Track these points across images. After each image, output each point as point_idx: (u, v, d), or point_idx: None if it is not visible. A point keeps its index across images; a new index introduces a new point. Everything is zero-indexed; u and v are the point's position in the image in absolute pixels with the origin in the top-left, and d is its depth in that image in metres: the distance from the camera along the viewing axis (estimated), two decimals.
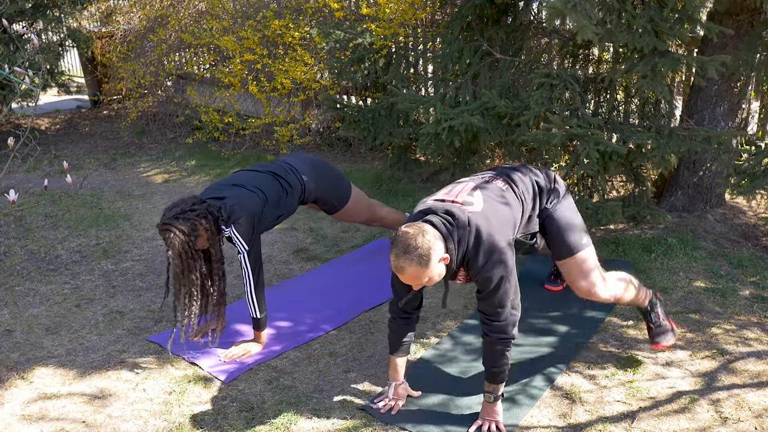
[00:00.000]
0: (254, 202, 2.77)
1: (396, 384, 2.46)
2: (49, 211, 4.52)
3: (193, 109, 6.32)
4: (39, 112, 7.53)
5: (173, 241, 2.54)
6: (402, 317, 2.41)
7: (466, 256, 2.16)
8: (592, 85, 3.69)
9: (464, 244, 2.15)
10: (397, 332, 2.42)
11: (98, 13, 7.62)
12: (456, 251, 2.14)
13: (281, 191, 2.90)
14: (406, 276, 2.10)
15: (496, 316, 2.20)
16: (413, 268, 2.06)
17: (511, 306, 2.20)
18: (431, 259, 2.06)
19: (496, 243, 2.16)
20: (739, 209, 4.05)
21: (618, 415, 2.36)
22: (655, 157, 3.36)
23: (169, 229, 2.55)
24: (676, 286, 3.26)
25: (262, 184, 2.86)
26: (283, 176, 2.95)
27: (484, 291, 2.19)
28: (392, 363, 2.46)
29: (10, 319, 3.13)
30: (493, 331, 2.21)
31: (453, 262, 2.15)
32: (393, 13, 4.85)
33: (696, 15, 3.16)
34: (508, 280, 2.18)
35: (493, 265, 2.15)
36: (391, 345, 2.44)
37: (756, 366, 2.62)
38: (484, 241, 2.15)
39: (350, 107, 4.55)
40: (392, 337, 2.44)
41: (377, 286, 3.38)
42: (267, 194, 2.84)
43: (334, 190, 3.17)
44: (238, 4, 5.89)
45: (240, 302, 3.22)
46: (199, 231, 2.60)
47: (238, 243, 2.70)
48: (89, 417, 2.44)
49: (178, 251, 2.56)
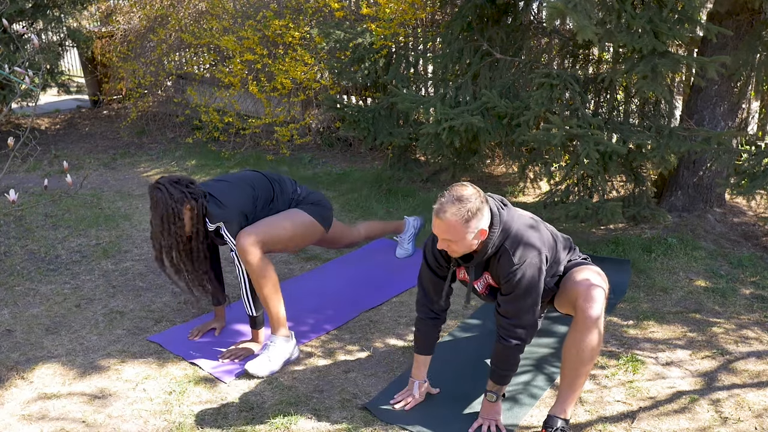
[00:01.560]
0: (244, 200, 2.78)
1: (419, 383, 2.45)
2: (49, 210, 4.52)
3: (193, 109, 6.32)
4: (39, 112, 7.53)
5: (159, 200, 2.62)
6: (431, 317, 2.40)
7: (503, 246, 2.15)
8: (592, 85, 3.69)
9: (507, 230, 2.15)
10: (425, 332, 2.41)
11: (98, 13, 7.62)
12: (498, 231, 2.13)
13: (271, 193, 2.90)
14: (443, 223, 2.06)
15: (518, 320, 2.18)
16: (455, 219, 2.04)
17: (535, 313, 2.19)
18: (474, 218, 2.06)
19: (534, 246, 2.16)
20: (739, 209, 4.05)
21: (618, 415, 2.36)
22: (655, 157, 3.36)
23: (159, 189, 2.64)
24: (676, 285, 3.26)
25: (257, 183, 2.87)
26: (278, 180, 2.95)
27: (513, 293, 2.16)
28: (416, 361, 2.45)
29: (10, 319, 3.13)
30: (513, 337, 2.19)
31: (490, 242, 2.13)
32: (393, 13, 4.85)
33: (695, 16, 3.16)
34: (537, 287, 2.16)
35: (528, 267, 2.14)
36: (418, 344, 2.44)
37: (756, 366, 2.62)
38: (525, 238, 2.15)
39: (350, 107, 4.56)
40: (419, 336, 2.43)
41: (377, 285, 3.38)
42: (260, 193, 2.84)
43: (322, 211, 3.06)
44: (238, 3, 5.89)
45: (239, 302, 3.22)
46: (185, 209, 2.65)
47: (229, 242, 2.72)
48: (89, 417, 2.44)
49: (160, 213, 2.63)
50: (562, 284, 2.36)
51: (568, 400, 2.22)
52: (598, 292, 2.22)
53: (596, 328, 2.17)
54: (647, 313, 3.02)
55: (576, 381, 2.21)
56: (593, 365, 2.23)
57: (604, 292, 2.27)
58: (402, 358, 2.75)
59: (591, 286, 2.23)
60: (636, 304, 3.11)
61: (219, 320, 3.00)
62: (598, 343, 2.19)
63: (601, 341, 2.20)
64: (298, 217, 2.87)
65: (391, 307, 3.20)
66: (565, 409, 2.22)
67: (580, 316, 2.19)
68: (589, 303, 2.19)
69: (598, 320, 2.18)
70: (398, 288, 3.34)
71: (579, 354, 2.18)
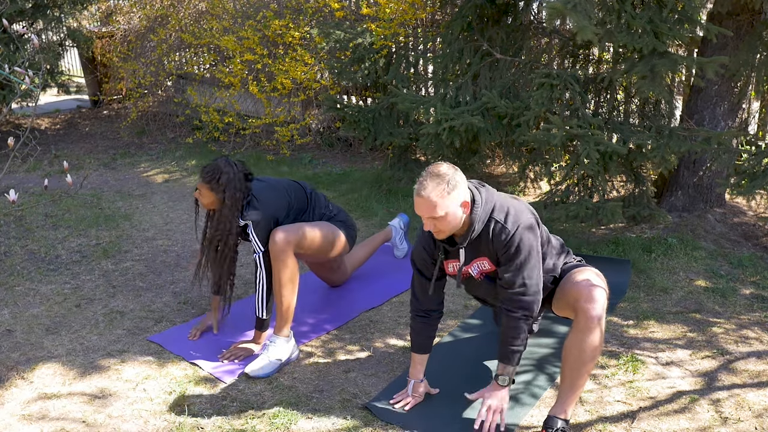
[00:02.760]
0: (279, 204, 2.82)
1: (416, 382, 2.46)
2: (50, 210, 4.52)
3: (193, 109, 6.32)
4: (39, 112, 7.53)
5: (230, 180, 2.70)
6: (420, 316, 2.41)
7: (492, 217, 2.18)
8: (593, 85, 3.69)
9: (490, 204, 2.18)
10: (417, 330, 2.43)
11: (98, 13, 7.62)
12: (480, 207, 2.16)
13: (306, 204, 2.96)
14: (423, 200, 2.09)
15: (523, 288, 2.19)
16: (435, 192, 2.07)
17: (537, 278, 2.20)
18: (454, 190, 2.08)
19: (521, 210, 2.21)
20: (739, 209, 4.05)
21: (618, 415, 2.36)
22: (656, 157, 3.36)
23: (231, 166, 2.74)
24: (677, 286, 3.26)
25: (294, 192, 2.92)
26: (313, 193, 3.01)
27: (514, 260, 2.18)
28: (413, 360, 2.46)
29: (10, 319, 3.13)
30: (520, 307, 2.20)
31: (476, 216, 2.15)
32: (393, 13, 4.85)
33: (695, 16, 3.16)
34: (537, 252, 2.19)
35: (523, 231, 2.16)
36: (413, 343, 2.45)
37: (756, 366, 2.62)
38: (509, 208, 2.19)
39: (350, 107, 4.56)
40: (413, 335, 2.44)
41: (377, 286, 3.38)
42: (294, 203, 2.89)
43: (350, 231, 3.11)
44: (238, 4, 5.90)
45: (240, 301, 3.22)
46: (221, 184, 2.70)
47: (254, 243, 2.74)
48: (89, 417, 2.44)
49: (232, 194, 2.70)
50: (561, 286, 2.35)
51: (569, 401, 2.22)
52: (599, 292, 2.22)
53: (598, 328, 2.17)
54: (647, 313, 3.03)
55: (577, 381, 2.20)
56: (594, 365, 2.23)
57: (605, 292, 2.26)
58: (402, 358, 2.74)
59: (591, 287, 2.22)
60: (636, 304, 3.11)
61: (214, 311, 2.98)
62: (600, 344, 2.18)
63: (602, 341, 2.19)
64: (331, 230, 2.93)
65: (391, 307, 3.20)
66: (565, 409, 2.22)
67: (581, 317, 2.18)
68: (590, 303, 2.18)
69: (600, 320, 2.17)
70: (398, 288, 3.34)
71: (581, 354, 2.17)
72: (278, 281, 2.71)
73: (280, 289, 2.71)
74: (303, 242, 2.77)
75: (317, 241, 2.84)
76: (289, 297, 2.73)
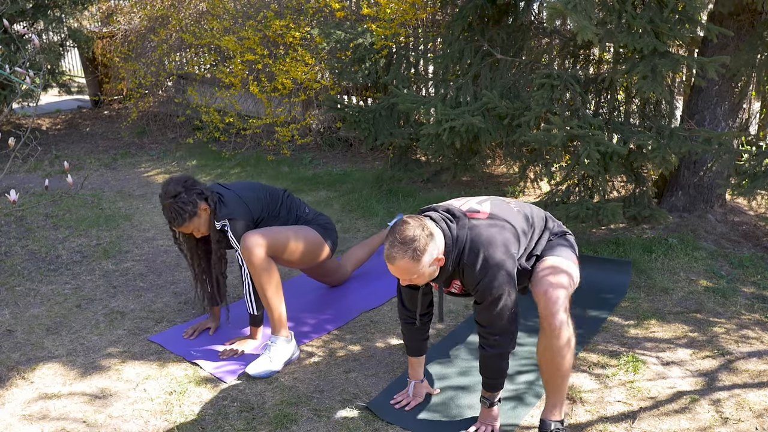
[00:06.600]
0: (254, 203, 2.83)
1: (416, 382, 2.46)
2: (50, 211, 4.53)
3: (193, 109, 6.33)
4: (40, 113, 7.53)
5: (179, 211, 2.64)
6: (406, 321, 2.40)
7: (462, 262, 2.09)
8: (593, 85, 3.69)
9: (461, 244, 2.09)
10: (407, 335, 2.42)
11: (99, 13, 7.63)
12: (453, 251, 2.08)
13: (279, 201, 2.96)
14: (396, 268, 2.03)
15: (493, 328, 2.12)
16: (404, 261, 2.01)
17: (509, 319, 2.11)
18: (425, 255, 2.01)
19: (495, 250, 2.07)
20: (739, 209, 4.05)
21: (619, 415, 2.36)
22: (656, 157, 3.36)
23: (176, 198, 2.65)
24: (677, 286, 3.26)
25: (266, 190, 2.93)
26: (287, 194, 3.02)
27: (483, 302, 2.10)
28: (410, 363, 2.47)
29: (10, 319, 3.14)
30: (491, 345, 2.14)
31: (448, 263, 2.09)
32: (394, 13, 4.85)
33: (696, 16, 3.16)
34: (509, 292, 2.08)
35: (494, 275, 2.06)
36: (407, 347, 2.45)
37: (757, 366, 2.62)
38: (483, 247, 2.07)
39: (351, 107, 4.56)
40: (406, 340, 2.44)
41: (378, 286, 3.38)
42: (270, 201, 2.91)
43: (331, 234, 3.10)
44: (239, 4, 5.90)
45: (239, 302, 3.23)
46: (199, 210, 2.68)
47: (233, 241, 2.75)
48: (90, 417, 2.44)
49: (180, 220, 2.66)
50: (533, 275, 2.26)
51: (556, 402, 2.21)
52: (558, 293, 2.13)
53: (562, 330, 2.11)
54: (648, 313, 3.03)
55: (559, 382, 2.18)
56: (573, 361, 2.20)
57: (565, 289, 2.16)
58: (402, 358, 2.75)
59: (549, 289, 2.14)
60: (637, 304, 3.11)
61: (214, 320, 3.01)
62: (569, 341, 2.13)
63: (571, 338, 2.14)
64: (307, 232, 2.91)
65: (392, 307, 3.20)
66: (554, 411, 2.21)
67: (545, 324, 2.13)
68: (548, 310, 2.11)
69: (563, 324, 2.11)
70: None
71: (553, 357, 2.14)
72: (260, 286, 2.69)
73: (263, 292, 2.70)
74: (275, 245, 2.72)
75: (291, 244, 2.80)
76: (276, 302, 2.72)
